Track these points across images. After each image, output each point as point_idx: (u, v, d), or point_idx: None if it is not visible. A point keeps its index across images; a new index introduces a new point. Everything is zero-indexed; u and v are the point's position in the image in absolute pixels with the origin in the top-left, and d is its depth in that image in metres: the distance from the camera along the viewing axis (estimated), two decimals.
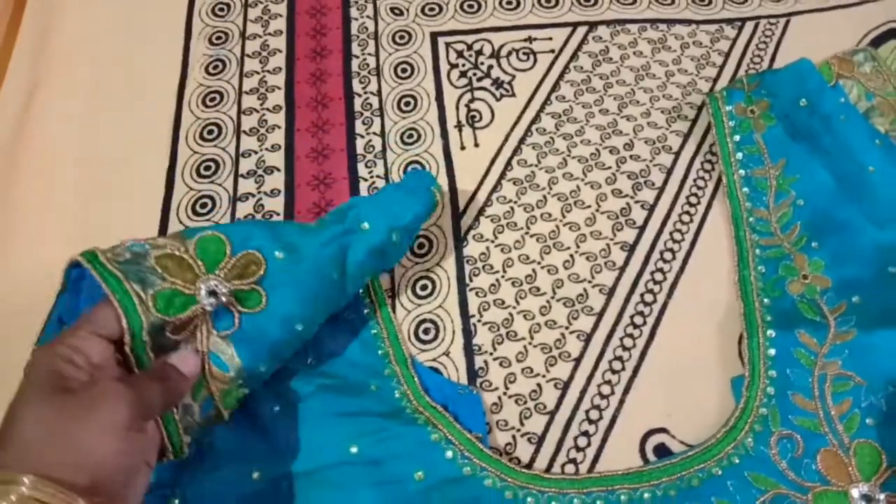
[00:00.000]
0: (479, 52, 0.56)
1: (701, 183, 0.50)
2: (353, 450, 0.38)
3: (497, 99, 0.54)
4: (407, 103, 0.54)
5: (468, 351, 0.44)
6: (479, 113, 0.53)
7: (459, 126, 0.53)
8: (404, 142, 0.52)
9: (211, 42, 0.57)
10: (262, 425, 0.39)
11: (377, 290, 0.45)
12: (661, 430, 0.41)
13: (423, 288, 0.46)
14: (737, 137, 0.50)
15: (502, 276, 0.47)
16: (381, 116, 0.53)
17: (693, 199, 0.49)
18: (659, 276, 0.46)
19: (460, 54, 0.56)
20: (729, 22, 0.58)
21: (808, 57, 0.50)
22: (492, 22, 0.58)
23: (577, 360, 0.44)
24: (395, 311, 0.45)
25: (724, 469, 0.39)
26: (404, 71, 0.56)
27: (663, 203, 0.49)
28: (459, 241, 0.48)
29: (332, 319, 0.41)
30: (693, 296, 0.46)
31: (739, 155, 0.49)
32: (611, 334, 0.44)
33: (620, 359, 0.44)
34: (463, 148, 0.52)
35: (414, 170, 0.50)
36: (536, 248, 0.48)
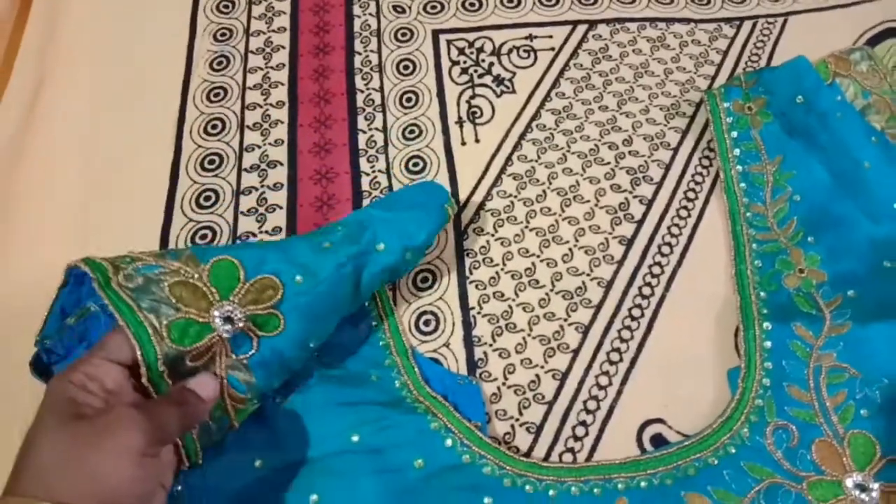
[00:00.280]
0: (480, 50, 0.57)
1: (699, 178, 0.51)
2: (355, 438, 0.39)
3: (498, 95, 0.55)
4: (409, 99, 0.55)
5: (468, 342, 0.45)
6: (480, 109, 0.54)
7: (460, 122, 0.53)
8: (406, 137, 0.53)
9: (215, 38, 0.58)
10: (264, 415, 0.39)
11: None
12: (658, 421, 0.42)
13: (424, 280, 0.47)
14: (734, 134, 0.50)
15: (502, 269, 0.47)
16: (383, 112, 0.54)
17: (691, 195, 0.50)
18: (657, 270, 0.47)
19: (462, 51, 0.57)
20: (727, 21, 0.58)
21: (805, 56, 0.51)
22: (493, 20, 0.59)
23: (576, 351, 0.44)
24: (395, 302, 0.46)
25: (720, 459, 0.39)
26: (406, 68, 0.56)
27: (661, 198, 0.50)
28: (460, 234, 0.48)
29: None
30: (690, 289, 0.46)
31: (737, 151, 0.50)
32: (609, 326, 0.45)
33: (618, 350, 0.44)
34: (464, 143, 0.53)
35: (426, 183, 0.49)
36: (536, 242, 0.48)
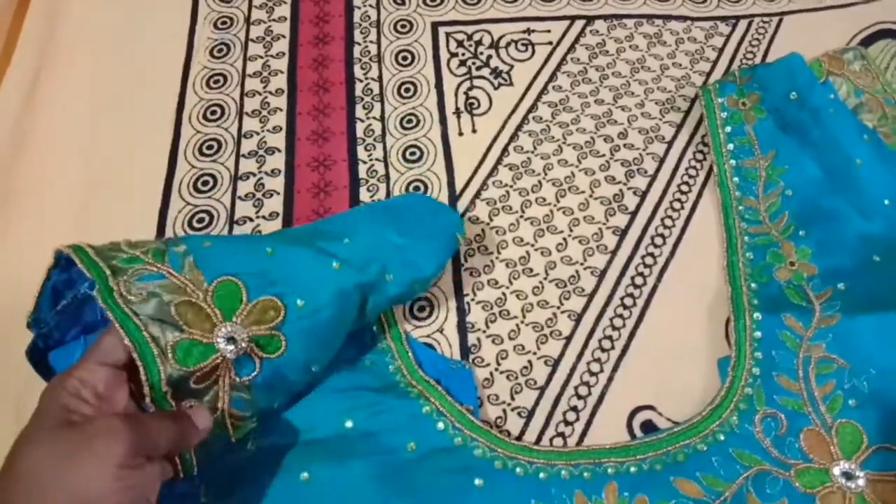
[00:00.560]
0: (478, 43, 0.58)
1: (692, 172, 0.51)
2: (348, 424, 0.39)
3: (495, 87, 0.55)
4: (407, 90, 0.55)
5: (462, 328, 0.45)
6: (478, 100, 0.55)
7: (458, 112, 0.54)
8: (404, 126, 0.53)
9: (216, 26, 0.58)
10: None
11: None
12: (649, 408, 0.42)
13: None
14: (728, 129, 0.51)
15: (496, 257, 0.48)
16: (382, 102, 0.54)
17: (684, 188, 0.51)
18: (649, 261, 0.47)
19: (460, 44, 0.58)
20: (723, 19, 0.59)
21: (799, 53, 0.51)
22: (492, 13, 0.59)
23: (568, 338, 0.45)
24: None
25: (709, 445, 0.39)
26: (405, 59, 0.57)
27: (655, 190, 0.50)
28: None
29: None
30: (682, 280, 0.47)
31: (730, 145, 0.51)
32: (601, 315, 0.45)
33: (610, 338, 0.45)
34: (461, 134, 0.53)
35: (443, 208, 0.46)
36: (530, 231, 0.49)
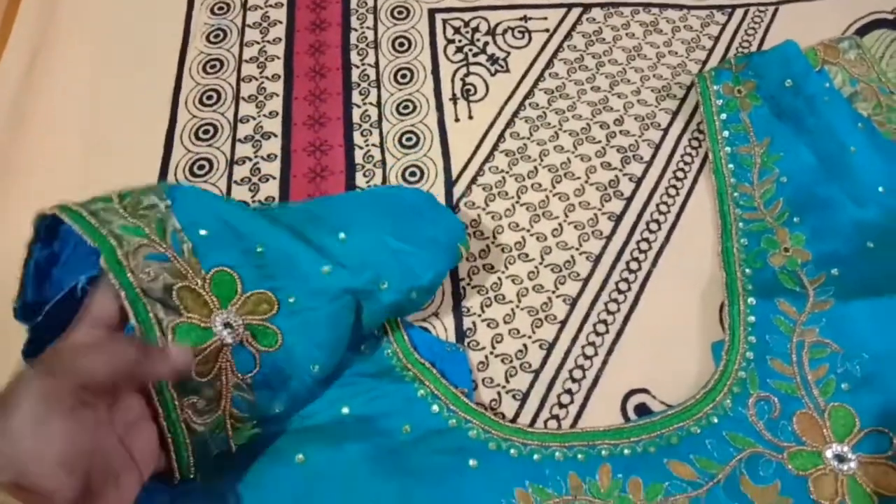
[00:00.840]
0: (475, 30, 0.58)
1: (688, 158, 0.51)
2: (345, 410, 0.40)
3: (492, 74, 0.55)
4: (403, 76, 0.55)
5: (457, 312, 0.45)
6: (474, 87, 0.55)
7: (454, 99, 0.54)
8: (400, 112, 0.53)
9: (213, 12, 0.58)
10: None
11: None
12: (643, 391, 0.42)
13: None
14: (724, 116, 0.51)
15: (492, 242, 0.48)
16: (378, 87, 0.54)
17: (680, 174, 0.51)
18: (644, 246, 0.48)
19: (457, 31, 0.58)
20: (720, 8, 0.59)
21: (794, 41, 0.52)
22: (488, 0, 0.59)
23: (563, 322, 0.45)
24: None
25: (703, 428, 0.40)
26: (402, 45, 0.57)
27: (651, 176, 0.50)
28: (451, 208, 0.49)
29: None
30: (677, 265, 0.47)
31: (726, 133, 0.51)
32: (596, 299, 0.45)
33: (605, 322, 0.45)
34: (457, 120, 0.53)
35: (447, 215, 0.44)
36: (526, 217, 0.49)
